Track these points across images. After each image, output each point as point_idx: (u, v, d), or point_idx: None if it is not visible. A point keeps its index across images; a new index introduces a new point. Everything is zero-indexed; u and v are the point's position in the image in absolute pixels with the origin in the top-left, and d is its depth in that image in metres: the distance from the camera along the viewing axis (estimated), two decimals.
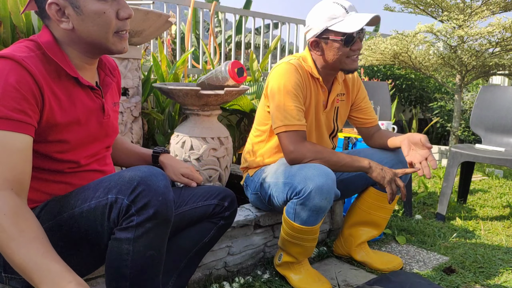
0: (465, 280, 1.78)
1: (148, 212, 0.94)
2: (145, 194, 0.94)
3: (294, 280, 1.68)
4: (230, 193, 1.38)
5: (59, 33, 1.04)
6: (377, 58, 4.04)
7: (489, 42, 3.55)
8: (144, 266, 0.97)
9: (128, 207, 0.94)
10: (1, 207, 0.88)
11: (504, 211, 2.81)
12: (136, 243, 0.95)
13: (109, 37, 1.03)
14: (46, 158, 1.03)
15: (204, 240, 1.36)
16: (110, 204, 0.95)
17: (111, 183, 0.97)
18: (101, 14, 0.99)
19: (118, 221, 0.95)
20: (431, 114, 5.27)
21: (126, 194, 0.94)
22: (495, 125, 2.83)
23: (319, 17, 1.63)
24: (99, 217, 0.97)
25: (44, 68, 0.99)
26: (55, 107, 1.00)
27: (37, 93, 0.95)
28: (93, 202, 0.97)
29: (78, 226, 0.99)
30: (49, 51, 1.01)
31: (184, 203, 1.32)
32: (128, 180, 0.95)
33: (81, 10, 0.99)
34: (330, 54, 1.65)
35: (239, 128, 3.15)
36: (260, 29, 9.52)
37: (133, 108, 2.08)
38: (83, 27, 1.00)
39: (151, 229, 0.95)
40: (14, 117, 0.91)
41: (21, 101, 0.92)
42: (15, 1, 2.01)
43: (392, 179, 1.57)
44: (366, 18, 1.58)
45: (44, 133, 1.00)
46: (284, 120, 1.60)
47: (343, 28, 1.58)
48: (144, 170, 0.97)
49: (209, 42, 3.43)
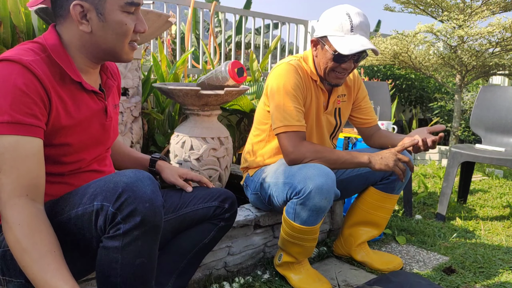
0: (465, 280, 1.78)
1: (135, 220, 0.91)
2: (130, 201, 0.91)
3: (294, 280, 1.68)
4: (231, 195, 1.38)
5: (71, 34, 1.03)
6: (377, 58, 4.04)
7: (489, 42, 3.55)
8: (134, 274, 0.95)
9: (114, 215, 0.91)
10: (16, 217, 0.88)
11: (504, 211, 2.81)
12: (125, 252, 0.93)
13: (125, 46, 1.07)
14: (49, 161, 1.03)
15: (204, 241, 1.36)
16: (96, 211, 0.93)
17: (96, 189, 0.94)
18: (122, 25, 1.03)
19: (105, 229, 0.93)
20: (431, 114, 5.27)
21: (111, 201, 0.91)
22: (495, 125, 2.83)
23: (327, 21, 1.62)
24: (87, 224, 0.95)
25: (50, 72, 0.99)
26: (61, 110, 1.00)
27: (44, 97, 0.96)
28: (80, 209, 0.95)
29: (68, 232, 0.98)
30: (54, 54, 1.01)
31: (185, 205, 1.32)
32: (113, 186, 0.92)
33: (105, 17, 1.01)
34: (321, 59, 1.67)
35: (239, 128, 3.15)
36: (260, 29, 9.52)
37: (133, 108, 2.08)
38: (102, 33, 1.03)
39: (139, 236, 0.93)
40: (26, 121, 0.92)
41: (31, 105, 0.93)
42: (15, 1, 2.01)
43: (395, 160, 1.56)
44: (362, 46, 1.54)
45: (49, 137, 1.00)
46: (284, 120, 1.60)
47: (337, 45, 1.57)
48: (130, 175, 0.94)
49: (209, 42, 3.43)
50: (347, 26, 1.58)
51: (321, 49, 1.65)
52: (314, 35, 1.68)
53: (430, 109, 5.28)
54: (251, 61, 3.12)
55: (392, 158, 1.56)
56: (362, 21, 1.60)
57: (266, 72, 3.65)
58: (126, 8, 1.03)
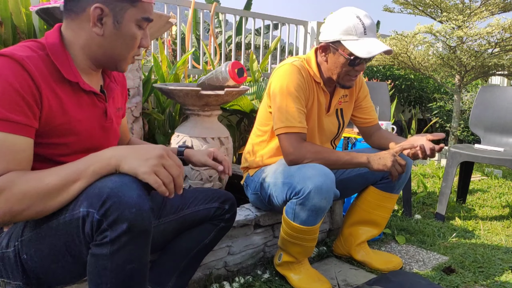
0: (465, 280, 1.79)
1: (122, 227, 0.87)
2: (116, 208, 0.87)
3: (294, 280, 1.68)
4: (231, 197, 1.40)
5: (79, 32, 1.03)
6: (376, 58, 4.05)
7: (488, 42, 3.56)
8: (125, 280, 0.93)
9: (100, 222, 0.88)
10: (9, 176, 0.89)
11: (503, 211, 2.81)
12: (114, 259, 0.90)
13: (128, 57, 1.10)
14: (47, 161, 1.02)
15: (205, 241, 1.38)
16: (83, 218, 0.90)
17: (82, 194, 0.91)
18: (133, 38, 1.06)
19: (93, 236, 0.90)
20: (431, 114, 5.28)
21: (96, 208, 0.87)
22: (494, 125, 2.84)
23: (336, 25, 1.60)
24: (75, 230, 0.92)
25: (46, 69, 0.98)
26: (55, 107, 0.99)
27: (36, 93, 0.94)
28: (67, 214, 0.93)
29: (58, 237, 0.95)
30: (51, 52, 1.00)
31: (186, 206, 1.33)
32: (98, 192, 0.89)
33: (120, 26, 1.03)
34: (333, 64, 1.65)
35: (239, 128, 3.16)
36: (260, 30, 9.53)
37: (134, 109, 2.09)
38: (112, 40, 1.05)
39: (128, 243, 0.89)
40: (14, 119, 0.90)
41: (20, 102, 0.91)
42: (16, 2, 2.01)
43: (393, 161, 1.57)
44: (379, 48, 1.55)
45: (45, 135, 0.99)
46: (285, 121, 1.60)
47: (354, 49, 1.56)
48: (115, 179, 0.90)
49: (210, 42, 3.44)
50: (360, 29, 1.57)
51: (333, 54, 1.64)
52: (323, 40, 1.65)
53: (429, 109, 5.29)
54: (251, 61, 3.12)
55: (390, 158, 1.57)
56: (372, 22, 1.60)
57: (266, 72, 3.66)
58: (140, 23, 1.06)
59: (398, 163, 1.57)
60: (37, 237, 0.97)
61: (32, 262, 0.98)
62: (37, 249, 0.97)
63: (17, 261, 0.99)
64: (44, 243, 0.97)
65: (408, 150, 1.63)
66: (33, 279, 1.00)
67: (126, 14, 1.03)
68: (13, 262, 0.99)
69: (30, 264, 0.98)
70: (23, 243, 0.98)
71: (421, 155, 1.61)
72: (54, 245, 0.96)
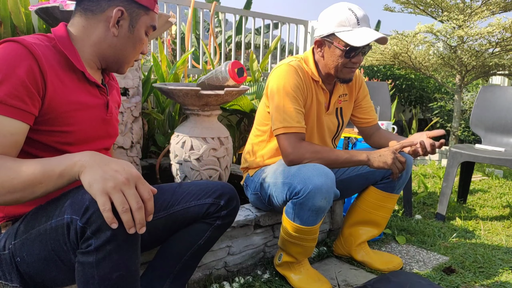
0: (465, 280, 1.78)
1: (106, 235, 0.85)
2: (98, 215, 0.84)
3: (294, 280, 1.68)
4: (228, 190, 1.27)
5: (93, 30, 1.07)
6: (377, 58, 4.04)
7: (489, 42, 3.55)
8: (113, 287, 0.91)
9: (83, 229, 0.85)
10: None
11: (504, 211, 2.81)
12: (100, 267, 0.87)
13: (132, 60, 1.17)
14: (50, 149, 1.02)
15: (199, 242, 1.28)
16: (67, 224, 0.88)
17: (67, 200, 0.90)
18: (141, 43, 1.15)
19: (78, 243, 0.88)
20: (431, 114, 5.27)
21: (79, 215, 0.85)
22: (495, 125, 2.84)
23: (330, 19, 1.61)
24: (61, 236, 0.91)
25: (53, 57, 1.01)
26: (59, 90, 1.00)
27: (39, 79, 0.95)
28: (53, 221, 0.92)
29: (46, 243, 0.94)
30: (60, 43, 1.04)
31: (176, 202, 1.24)
32: (81, 198, 0.86)
33: (133, 30, 1.11)
34: (329, 58, 1.65)
35: (239, 128, 3.15)
36: (260, 29, 9.52)
37: (133, 108, 2.08)
38: (124, 42, 1.12)
39: (113, 251, 0.87)
40: (9, 102, 0.90)
41: (19, 87, 0.91)
42: (15, 1, 2.01)
43: (394, 158, 1.56)
44: (373, 35, 1.56)
45: (49, 122, 1.00)
46: (283, 121, 1.60)
47: (348, 39, 1.57)
48: None
49: (209, 42, 3.43)
50: (353, 20, 1.59)
51: (329, 48, 1.64)
52: (317, 36, 1.66)
53: (430, 109, 5.29)
54: (251, 61, 3.12)
55: (390, 156, 1.57)
56: (365, 14, 1.62)
57: (266, 72, 3.65)
58: (148, 30, 1.15)
59: (398, 160, 1.57)
60: (28, 242, 0.97)
61: (25, 265, 0.97)
62: (28, 253, 0.96)
63: (13, 264, 0.99)
64: (34, 247, 0.96)
65: (408, 148, 1.62)
66: (29, 281, 1.00)
67: (140, 20, 1.11)
68: (9, 264, 0.99)
69: (24, 267, 0.98)
70: (16, 246, 0.98)
71: (421, 151, 1.61)
72: (44, 250, 0.95)
